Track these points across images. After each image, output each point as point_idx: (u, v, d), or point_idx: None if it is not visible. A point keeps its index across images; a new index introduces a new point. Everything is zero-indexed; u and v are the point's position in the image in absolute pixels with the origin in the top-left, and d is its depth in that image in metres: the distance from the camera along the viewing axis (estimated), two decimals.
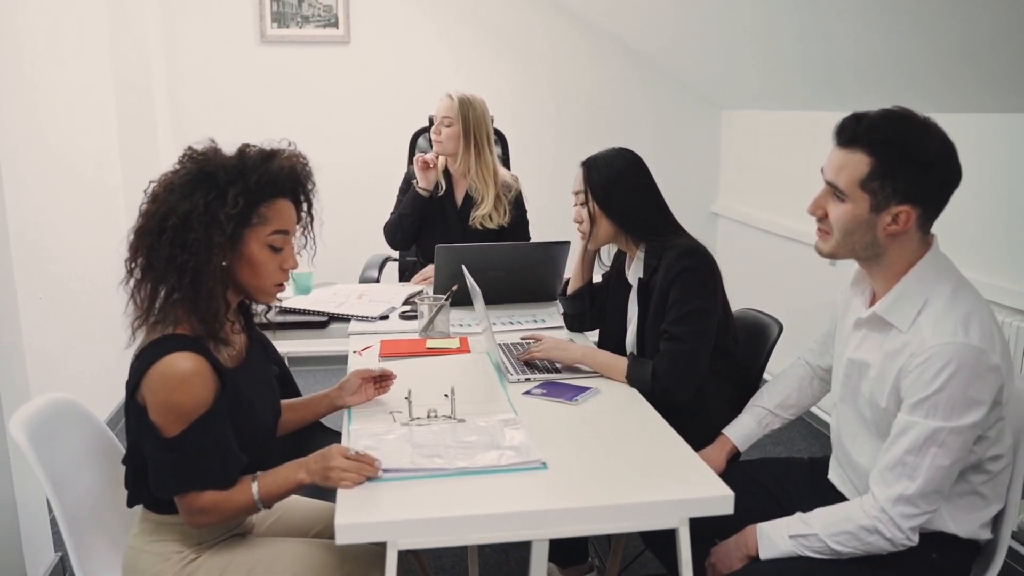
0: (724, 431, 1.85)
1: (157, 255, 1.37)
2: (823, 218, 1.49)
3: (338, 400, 1.77)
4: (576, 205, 2.03)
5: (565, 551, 2.18)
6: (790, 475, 1.77)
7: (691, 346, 1.83)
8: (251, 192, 1.40)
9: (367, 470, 1.39)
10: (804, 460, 1.84)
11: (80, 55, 3.28)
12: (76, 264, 3.07)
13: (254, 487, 1.42)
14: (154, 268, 1.39)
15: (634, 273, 2.04)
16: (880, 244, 1.44)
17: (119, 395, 1.46)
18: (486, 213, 2.86)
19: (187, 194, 1.37)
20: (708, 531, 1.46)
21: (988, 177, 2.35)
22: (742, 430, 1.84)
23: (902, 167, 1.38)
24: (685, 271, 1.86)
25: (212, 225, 1.37)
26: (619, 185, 1.96)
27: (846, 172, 1.42)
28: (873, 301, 1.53)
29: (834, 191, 1.45)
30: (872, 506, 1.41)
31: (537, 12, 4.13)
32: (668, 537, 1.40)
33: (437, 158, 2.87)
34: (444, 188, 2.90)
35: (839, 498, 1.63)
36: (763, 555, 1.50)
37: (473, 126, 2.84)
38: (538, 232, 3.06)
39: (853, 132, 1.42)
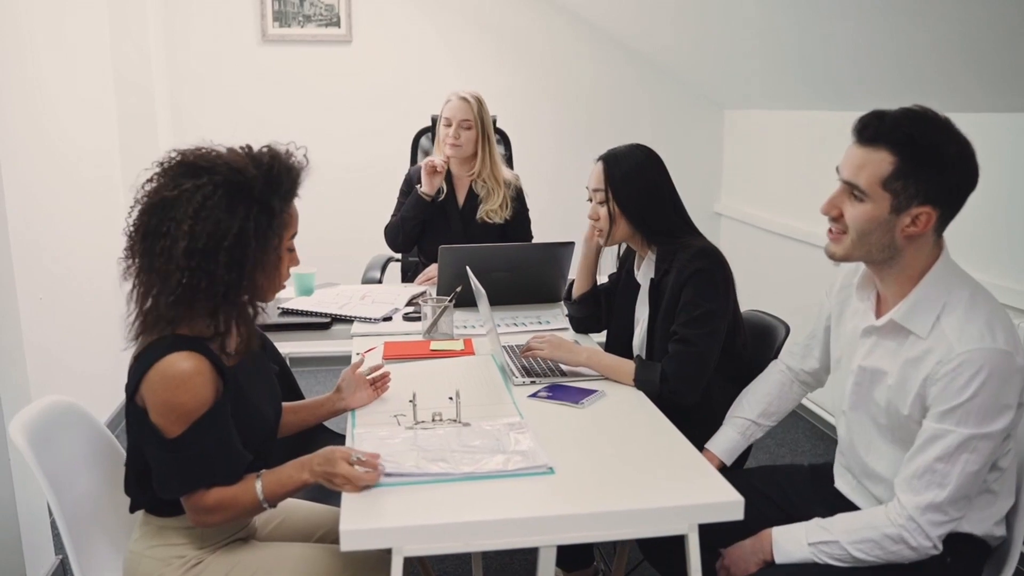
0: (707, 446, 1.81)
1: (211, 274, 1.35)
2: (838, 218, 1.44)
3: (339, 403, 1.75)
4: (593, 202, 2.00)
5: (570, 555, 2.17)
6: (792, 482, 1.75)
7: (700, 348, 1.81)
8: (284, 199, 1.41)
9: (369, 478, 1.37)
10: (805, 467, 1.81)
11: (81, 55, 3.26)
12: (77, 264, 3.05)
13: (258, 485, 1.41)
14: (203, 287, 1.35)
15: (644, 273, 2.02)
16: (896, 246, 1.40)
17: (122, 396, 1.44)
18: (494, 208, 2.85)
19: (231, 212, 1.35)
20: (707, 538, 1.44)
21: (989, 177, 2.34)
22: (726, 443, 1.80)
23: (926, 167, 1.34)
24: (698, 273, 1.84)
25: (268, 238, 1.38)
26: (640, 183, 1.93)
27: (867, 170, 1.38)
28: (880, 306, 1.51)
29: (852, 190, 1.40)
30: (899, 514, 1.39)
31: (539, 12, 4.11)
32: (668, 549, 1.38)
33: (447, 162, 2.84)
34: (445, 191, 2.88)
35: (847, 504, 1.61)
36: (779, 560, 1.48)
37: (487, 126, 2.84)
38: (540, 232, 3.05)
39: (876, 130, 1.37)
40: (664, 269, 1.91)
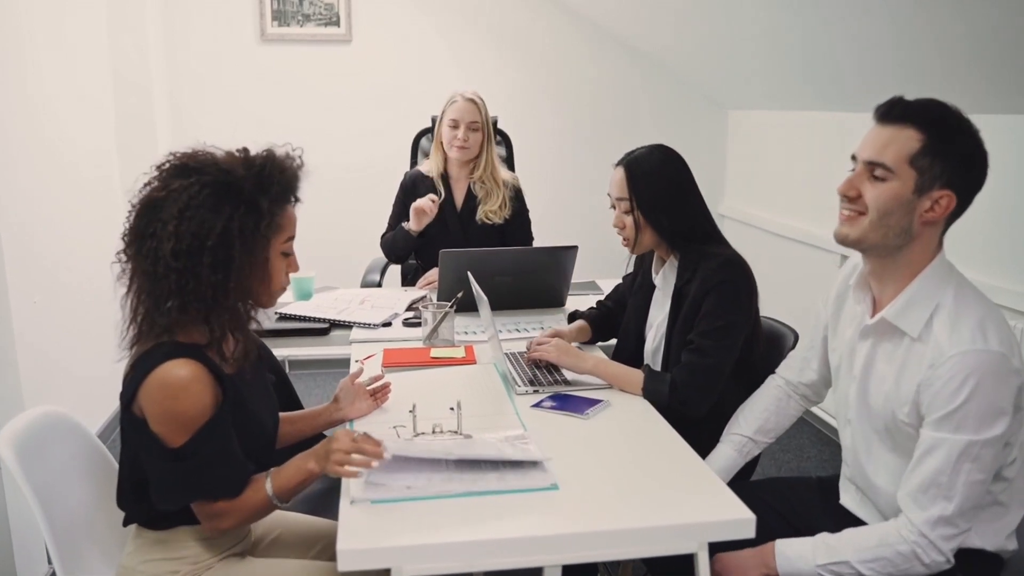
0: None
1: (197, 275, 1.32)
2: (855, 199, 1.40)
3: (337, 414, 1.72)
4: (617, 211, 1.93)
5: (573, 567, 2.12)
6: (799, 495, 1.71)
7: (715, 360, 1.77)
8: (275, 202, 1.38)
9: (369, 451, 1.34)
10: (812, 479, 1.78)
11: (80, 54, 3.23)
12: (75, 265, 3.01)
13: (267, 484, 1.39)
14: (190, 289, 1.32)
15: (664, 277, 1.96)
16: (912, 233, 1.38)
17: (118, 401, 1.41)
18: (493, 209, 2.82)
19: (216, 212, 1.32)
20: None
21: (992, 178, 2.36)
22: (722, 461, 1.75)
23: (952, 148, 1.34)
24: (723, 284, 1.79)
25: (254, 239, 1.34)
26: (661, 183, 1.86)
27: (894, 147, 1.35)
28: (876, 309, 1.48)
29: (874, 170, 1.37)
30: (910, 530, 1.35)
31: (540, 12, 4.07)
32: (674, 562, 1.34)
33: (436, 203, 2.75)
34: (443, 194, 2.84)
35: (853, 519, 1.57)
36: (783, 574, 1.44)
37: (490, 126, 2.82)
38: (541, 234, 3.01)
39: (904, 110, 1.36)
40: (687, 277, 1.86)
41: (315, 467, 1.39)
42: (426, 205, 2.72)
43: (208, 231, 1.31)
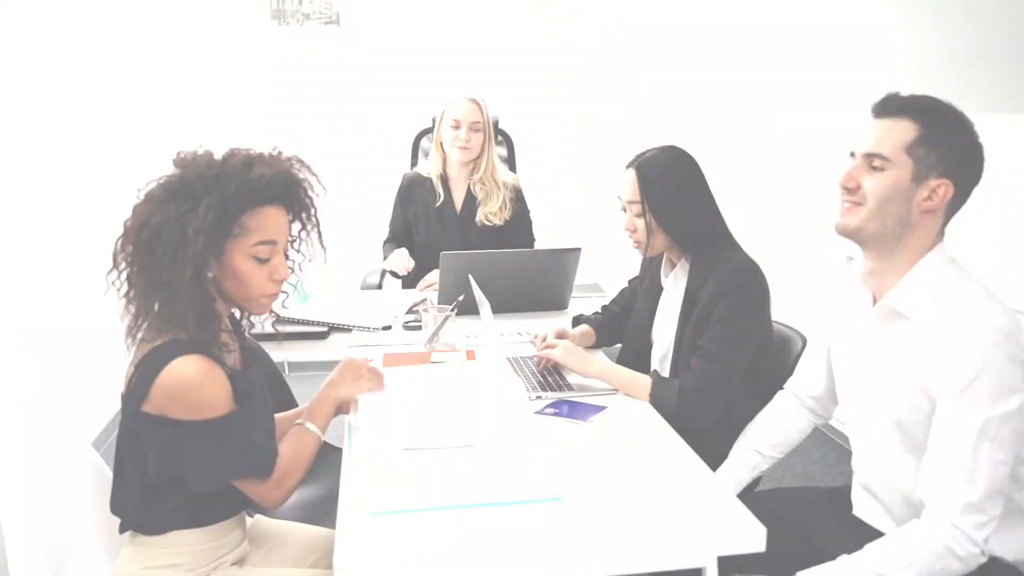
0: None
1: (134, 268, 1.33)
2: (855, 190, 1.43)
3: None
4: (628, 214, 1.89)
5: None
6: (808, 505, 1.68)
7: (725, 366, 1.74)
8: (227, 202, 1.33)
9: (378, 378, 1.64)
10: (821, 489, 1.75)
11: (79, 54, 3.19)
12: (74, 266, 2.98)
13: (309, 426, 1.49)
14: (133, 282, 1.33)
15: (674, 281, 1.93)
16: (911, 222, 1.40)
17: (118, 403, 1.39)
18: (493, 211, 2.79)
19: (161, 205, 1.31)
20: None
21: (993, 178, 2.36)
22: (730, 476, 1.72)
23: (948, 137, 1.37)
24: (736, 290, 1.76)
25: (181, 239, 1.30)
26: (673, 186, 1.83)
27: (891, 137, 1.39)
28: (875, 303, 1.47)
29: (872, 161, 1.41)
30: (939, 523, 1.30)
31: (542, 11, 4.04)
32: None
33: (409, 270, 2.79)
34: (442, 197, 2.81)
35: (867, 529, 1.54)
36: None
37: (490, 127, 2.80)
38: (543, 236, 2.99)
39: (900, 103, 1.41)
40: (699, 281, 1.82)
41: (343, 393, 1.58)
42: (399, 270, 2.77)
43: (143, 227, 1.31)
